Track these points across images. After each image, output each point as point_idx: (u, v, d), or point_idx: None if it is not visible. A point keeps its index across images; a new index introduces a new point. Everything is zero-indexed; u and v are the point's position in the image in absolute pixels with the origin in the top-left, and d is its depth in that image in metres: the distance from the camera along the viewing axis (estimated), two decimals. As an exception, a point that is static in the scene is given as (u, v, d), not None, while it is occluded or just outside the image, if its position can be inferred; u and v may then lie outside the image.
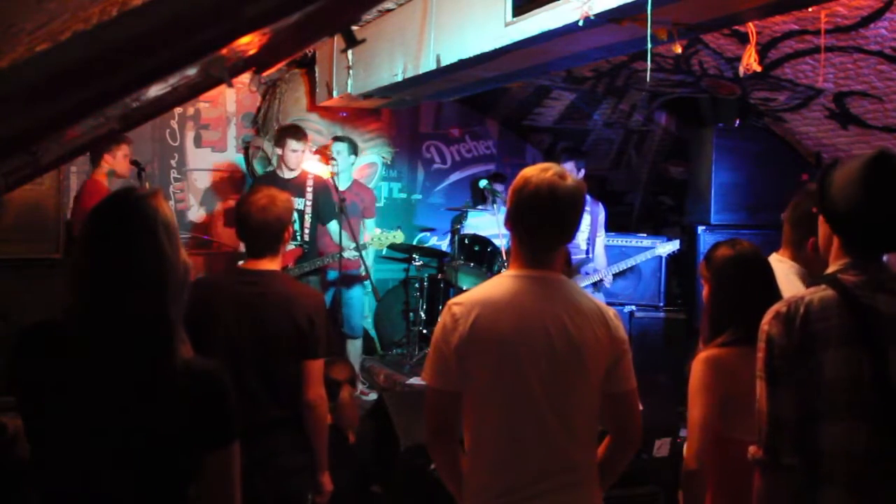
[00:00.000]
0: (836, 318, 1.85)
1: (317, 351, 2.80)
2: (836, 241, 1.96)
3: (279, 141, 5.62)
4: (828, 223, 1.98)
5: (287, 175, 5.55)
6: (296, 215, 5.52)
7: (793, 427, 1.86)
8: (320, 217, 5.59)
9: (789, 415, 1.86)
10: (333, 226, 5.55)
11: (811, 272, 2.67)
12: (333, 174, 5.68)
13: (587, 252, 5.84)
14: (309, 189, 5.55)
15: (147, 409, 1.61)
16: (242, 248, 3.22)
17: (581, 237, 5.78)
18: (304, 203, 5.53)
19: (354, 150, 6.20)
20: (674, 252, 5.94)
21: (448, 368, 2.09)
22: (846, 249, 1.94)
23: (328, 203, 5.56)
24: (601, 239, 5.83)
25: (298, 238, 5.52)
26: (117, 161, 5.17)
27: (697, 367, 2.37)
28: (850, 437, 1.83)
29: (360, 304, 6.17)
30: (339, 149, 5.98)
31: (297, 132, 5.63)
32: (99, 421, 1.63)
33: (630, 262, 5.84)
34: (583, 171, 5.81)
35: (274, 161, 6.56)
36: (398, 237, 5.70)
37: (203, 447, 1.63)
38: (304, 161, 5.65)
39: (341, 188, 5.75)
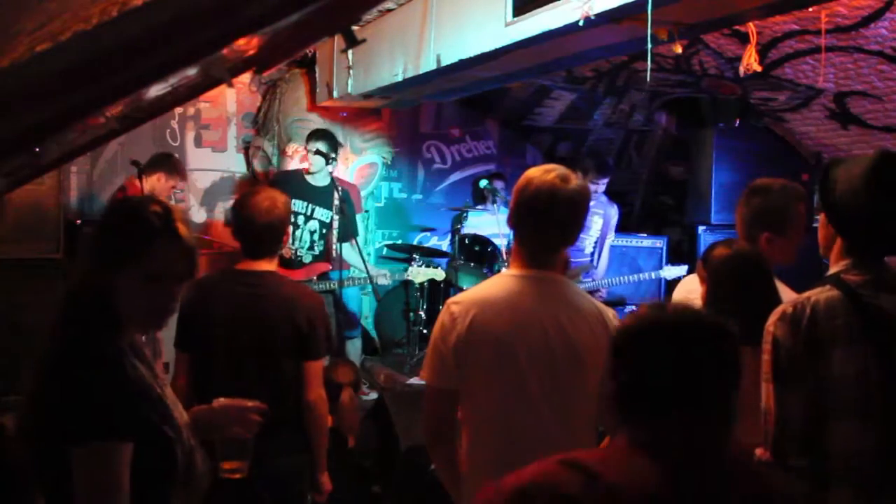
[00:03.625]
0: (842, 319, 1.85)
1: (317, 351, 2.80)
2: (840, 241, 1.96)
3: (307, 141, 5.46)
4: (832, 224, 1.96)
5: (317, 182, 5.43)
6: (317, 226, 5.46)
7: (800, 429, 1.86)
8: (341, 233, 5.35)
9: (797, 416, 1.86)
10: (346, 248, 5.37)
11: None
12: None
13: (591, 256, 5.81)
14: (336, 201, 5.31)
15: (29, 404, 1.64)
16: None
17: (589, 240, 5.77)
18: (330, 216, 5.41)
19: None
20: (679, 277, 5.95)
21: (446, 367, 2.10)
22: (849, 250, 1.94)
23: (351, 218, 5.38)
24: (609, 241, 5.81)
25: (320, 251, 5.44)
26: (162, 185, 5.29)
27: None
28: (859, 437, 1.83)
29: (357, 304, 6.13)
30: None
31: (327, 135, 5.51)
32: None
33: (633, 278, 5.87)
34: (604, 184, 5.74)
35: (275, 161, 6.56)
36: (438, 275, 5.60)
37: (69, 440, 1.58)
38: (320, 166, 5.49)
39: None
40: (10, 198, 4.89)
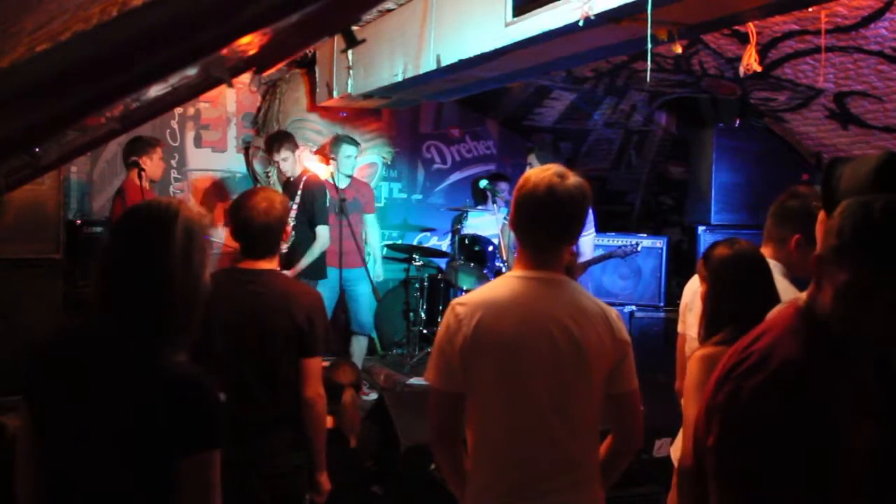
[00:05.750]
0: None
1: (315, 349, 2.80)
2: None
3: (270, 148, 5.70)
4: None
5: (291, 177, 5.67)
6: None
7: None
8: (310, 219, 5.49)
9: None
10: (322, 230, 5.48)
11: (791, 270, 2.66)
12: (333, 174, 5.70)
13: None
14: (299, 190, 5.52)
15: (122, 411, 1.62)
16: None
17: None
18: (291, 204, 5.50)
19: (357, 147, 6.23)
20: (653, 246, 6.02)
21: (452, 369, 2.09)
22: None
23: (321, 204, 5.50)
24: (590, 237, 5.79)
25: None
26: (154, 163, 5.21)
27: (693, 366, 2.37)
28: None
29: (369, 301, 6.01)
30: (350, 152, 5.96)
31: (288, 139, 5.70)
32: (82, 420, 1.65)
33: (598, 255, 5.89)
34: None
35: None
36: None
37: (179, 450, 1.59)
38: (297, 165, 5.69)
39: (342, 186, 5.76)
40: (10, 198, 4.89)
